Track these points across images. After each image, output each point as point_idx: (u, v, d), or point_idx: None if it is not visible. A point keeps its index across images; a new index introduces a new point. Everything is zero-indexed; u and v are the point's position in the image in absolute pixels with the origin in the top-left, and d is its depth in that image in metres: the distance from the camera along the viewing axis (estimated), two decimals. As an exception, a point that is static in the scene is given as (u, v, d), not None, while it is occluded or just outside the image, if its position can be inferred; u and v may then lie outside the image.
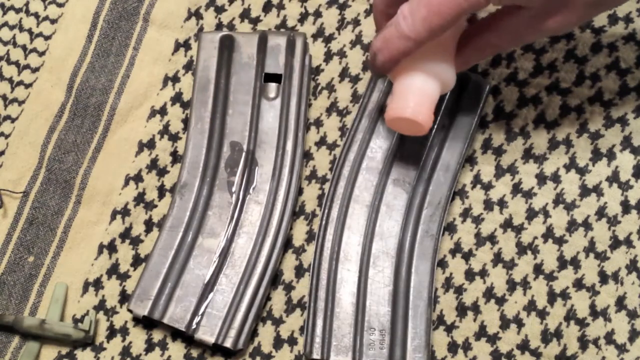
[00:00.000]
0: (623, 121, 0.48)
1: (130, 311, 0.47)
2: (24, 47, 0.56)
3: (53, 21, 0.56)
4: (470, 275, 0.47)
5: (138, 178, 0.52)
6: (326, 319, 0.46)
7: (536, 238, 0.47)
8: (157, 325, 0.48)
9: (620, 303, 0.46)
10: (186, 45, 0.54)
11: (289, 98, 0.50)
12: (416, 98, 0.42)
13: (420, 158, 0.48)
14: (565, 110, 0.49)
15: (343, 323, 0.46)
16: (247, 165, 0.50)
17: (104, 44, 0.55)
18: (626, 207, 0.47)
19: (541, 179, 0.48)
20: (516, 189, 0.48)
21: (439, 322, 0.47)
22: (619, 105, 0.49)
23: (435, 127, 0.48)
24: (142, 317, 0.47)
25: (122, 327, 0.49)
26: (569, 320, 0.46)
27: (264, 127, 0.50)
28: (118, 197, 0.51)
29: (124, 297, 0.49)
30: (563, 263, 0.47)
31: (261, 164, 0.50)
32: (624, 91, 0.49)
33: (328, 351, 0.45)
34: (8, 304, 0.50)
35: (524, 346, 0.46)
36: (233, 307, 0.46)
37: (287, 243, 0.49)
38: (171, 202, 0.49)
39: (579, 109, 0.49)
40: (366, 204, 0.48)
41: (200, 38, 0.51)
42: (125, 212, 0.51)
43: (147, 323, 0.48)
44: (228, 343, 0.46)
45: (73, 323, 0.48)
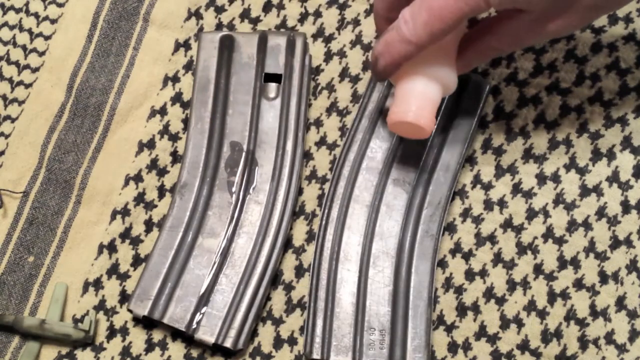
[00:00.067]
0: (623, 121, 0.48)
1: (130, 311, 0.47)
2: (24, 47, 0.56)
3: (53, 21, 0.56)
4: (470, 275, 0.47)
5: (138, 178, 0.52)
6: (326, 319, 0.46)
7: (536, 238, 0.47)
8: (157, 325, 0.48)
9: (620, 303, 0.46)
10: (186, 45, 0.54)
11: (289, 98, 0.50)
12: (418, 102, 0.42)
13: (420, 158, 0.48)
14: (565, 110, 0.49)
15: (343, 323, 0.46)
16: (247, 165, 0.50)
17: (104, 44, 0.55)
18: (626, 207, 0.47)
19: (541, 179, 0.48)
20: (516, 189, 0.48)
21: (439, 322, 0.47)
22: (619, 105, 0.49)
23: (435, 128, 0.48)
24: (142, 317, 0.47)
25: (122, 327, 0.49)
26: (569, 320, 0.46)
27: (264, 127, 0.50)
28: (118, 197, 0.51)
29: (124, 297, 0.49)
30: (563, 263, 0.47)
31: (261, 164, 0.50)
32: (624, 91, 0.49)
33: (328, 351, 0.45)
34: (8, 304, 0.50)
35: (524, 346, 0.46)
36: (233, 307, 0.46)
37: (287, 243, 0.49)
38: (171, 202, 0.49)
39: (579, 109, 0.49)
40: (366, 204, 0.48)
41: (200, 38, 0.51)
42: (125, 212, 0.51)
43: (147, 323, 0.48)
44: (228, 343, 0.46)
45: (73, 323, 0.48)
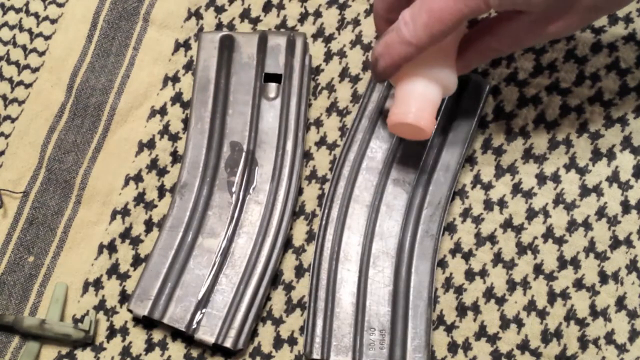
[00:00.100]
0: (623, 121, 0.48)
1: (130, 311, 0.47)
2: (24, 47, 0.56)
3: (53, 21, 0.56)
4: (470, 275, 0.47)
5: (138, 178, 0.52)
6: (326, 319, 0.46)
7: (536, 238, 0.47)
8: (157, 325, 0.48)
9: (620, 303, 0.46)
10: (186, 45, 0.54)
11: (289, 98, 0.50)
12: (418, 103, 0.42)
13: (420, 158, 0.48)
14: (565, 110, 0.49)
15: (343, 323, 0.46)
16: (247, 165, 0.50)
17: (104, 44, 0.55)
18: (626, 207, 0.47)
19: (541, 179, 0.48)
20: (516, 189, 0.48)
21: (439, 322, 0.47)
22: (619, 105, 0.49)
23: (435, 128, 0.48)
24: (142, 317, 0.47)
25: (122, 327, 0.49)
26: (569, 320, 0.46)
27: (264, 127, 0.50)
28: (118, 197, 0.51)
29: (124, 297, 0.49)
30: (563, 263, 0.47)
31: (261, 164, 0.50)
32: (624, 91, 0.49)
33: (328, 351, 0.45)
34: (8, 304, 0.50)
35: (524, 346, 0.46)
36: (233, 307, 0.46)
37: (287, 243, 0.49)
38: (171, 202, 0.49)
39: (579, 109, 0.49)
40: (366, 204, 0.48)
41: (200, 38, 0.51)
42: (125, 212, 0.51)
43: (147, 323, 0.48)
44: (228, 343, 0.46)
45: (73, 323, 0.48)
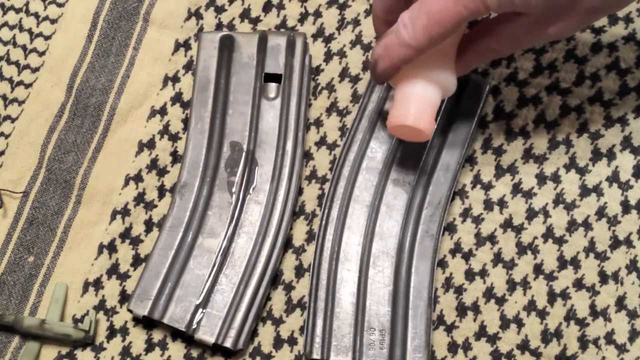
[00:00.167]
0: (623, 121, 0.48)
1: (130, 311, 0.47)
2: (24, 47, 0.56)
3: (53, 21, 0.56)
4: (470, 275, 0.47)
5: (138, 178, 0.52)
6: (326, 319, 0.46)
7: (536, 238, 0.47)
8: (157, 325, 0.48)
9: (620, 303, 0.46)
10: (186, 45, 0.54)
11: (289, 98, 0.50)
12: (418, 105, 0.42)
13: (420, 158, 0.48)
14: (565, 110, 0.49)
15: (343, 323, 0.46)
16: (247, 165, 0.50)
17: (104, 44, 0.55)
18: (626, 207, 0.47)
19: (541, 179, 0.48)
20: (516, 189, 0.48)
21: (439, 322, 0.47)
22: (619, 105, 0.49)
23: (435, 129, 0.48)
24: (142, 317, 0.47)
25: (122, 327, 0.49)
26: (569, 320, 0.46)
27: (264, 127, 0.50)
28: (118, 197, 0.51)
29: (124, 297, 0.49)
30: (563, 263, 0.47)
31: (261, 164, 0.50)
32: (624, 91, 0.49)
33: (328, 351, 0.45)
34: (8, 304, 0.50)
35: (524, 346, 0.46)
36: (233, 307, 0.46)
37: (287, 243, 0.49)
38: (171, 202, 0.49)
39: (579, 109, 0.49)
40: (366, 204, 0.48)
41: (200, 38, 0.51)
42: (125, 212, 0.51)
43: (147, 323, 0.48)
44: (228, 343, 0.46)
45: (73, 323, 0.48)
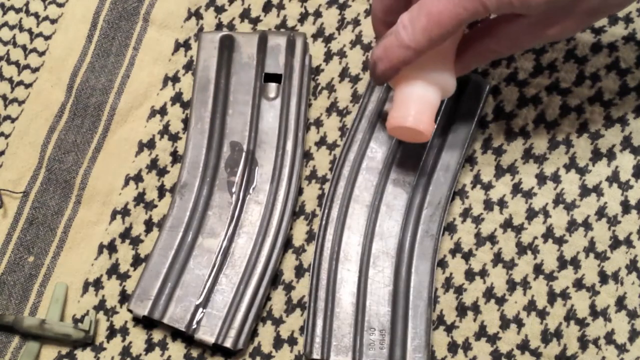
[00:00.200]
0: (623, 121, 0.48)
1: (130, 311, 0.47)
2: (24, 47, 0.56)
3: (53, 21, 0.56)
4: (470, 275, 0.47)
5: (138, 178, 0.52)
6: (326, 319, 0.46)
7: (536, 238, 0.47)
8: (157, 325, 0.48)
9: (620, 303, 0.46)
10: (186, 45, 0.54)
11: (289, 98, 0.50)
12: (417, 106, 0.42)
13: (420, 158, 0.48)
14: (565, 110, 0.49)
15: (343, 323, 0.46)
16: (247, 165, 0.50)
17: (104, 44, 0.55)
18: (626, 207, 0.47)
19: (541, 179, 0.48)
20: (516, 189, 0.48)
21: (439, 322, 0.47)
22: (619, 105, 0.49)
23: (435, 128, 0.48)
24: (142, 317, 0.47)
25: (122, 327, 0.49)
26: (569, 320, 0.46)
27: (264, 127, 0.50)
28: (118, 197, 0.51)
29: (124, 297, 0.49)
30: (563, 263, 0.47)
31: (261, 164, 0.50)
32: (624, 91, 0.49)
33: (328, 351, 0.45)
34: (8, 304, 0.50)
35: (524, 346, 0.46)
36: (233, 307, 0.46)
37: (287, 243, 0.49)
38: (171, 202, 0.49)
39: (579, 109, 0.49)
40: (366, 204, 0.48)
41: (200, 38, 0.51)
42: (125, 212, 0.51)
43: (147, 323, 0.48)
44: (228, 343, 0.46)
45: (73, 323, 0.48)
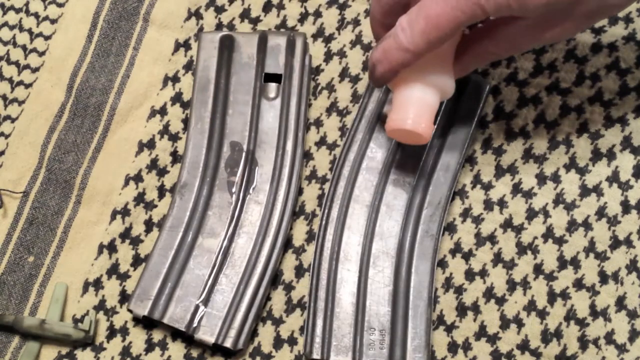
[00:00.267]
0: (623, 121, 0.48)
1: (130, 311, 0.47)
2: (24, 47, 0.56)
3: (53, 21, 0.56)
4: (470, 275, 0.47)
5: (138, 178, 0.52)
6: (326, 319, 0.46)
7: (536, 238, 0.47)
8: (157, 325, 0.48)
9: (620, 303, 0.46)
10: (186, 45, 0.54)
11: (289, 98, 0.50)
12: (416, 109, 0.42)
13: (420, 158, 0.48)
14: (565, 110, 0.49)
15: (343, 323, 0.46)
16: (247, 165, 0.50)
17: (104, 44, 0.55)
18: (626, 207, 0.47)
19: (541, 179, 0.48)
20: (516, 189, 0.48)
21: (439, 322, 0.47)
22: (619, 105, 0.49)
23: (435, 128, 0.48)
24: (142, 317, 0.47)
25: (122, 327, 0.49)
26: (569, 320, 0.46)
27: (264, 127, 0.50)
28: (118, 197, 0.51)
29: (124, 297, 0.49)
30: (563, 263, 0.47)
31: (261, 164, 0.50)
32: (624, 91, 0.49)
33: (328, 351, 0.45)
34: (8, 304, 0.50)
35: (524, 346, 0.46)
36: (233, 307, 0.46)
37: (287, 243, 0.49)
38: (171, 202, 0.49)
39: (579, 109, 0.49)
40: (366, 204, 0.48)
41: (200, 38, 0.51)
42: (125, 212, 0.51)
43: (147, 323, 0.48)
44: (228, 343, 0.46)
45: (73, 323, 0.48)
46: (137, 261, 0.50)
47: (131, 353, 0.48)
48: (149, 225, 0.51)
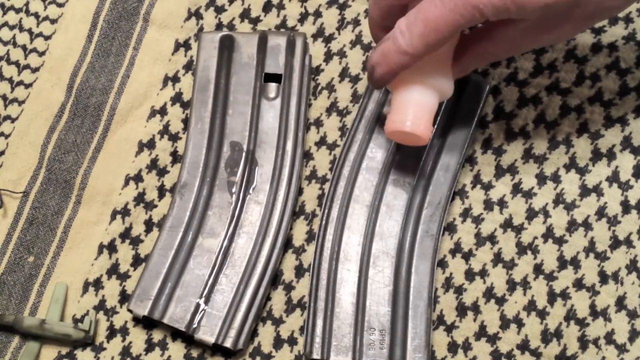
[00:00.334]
0: (623, 121, 0.48)
1: (130, 311, 0.47)
2: (24, 47, 0.56)
3: (53, 21, 0.56)
4: (470, 275, 0.47)
5: (138, 178, 0.52)
6: (326, 319, 0.46)
7: (536, 238, 0.47)
8: (157, 325, 0.48)
9: (620, 303, 0.46)
10: (186, 45, 0.54)
11: (289, 98, 0.50)
12: (415, 111, 0.42)
13: (420, 158, 0.48)
14: (565, 110, 0.49)
15: (343, 323, 0.46)
16: (247, 165, 0.50)
17: (104, 44, 0.55)
18: (626, 207, 0.47)
19: (541, 179, 0.48)
20: (516, 189, 0.48)
21: (439, 322, 0.47)
22: (619, 105, 0.49)
23: (435, 128, 0.48)
24: (142, 317, 0.47)
25: (122, 327, 0.49)
26: (569, 320, 0.46)
27: (264, 127, 0.50)
28: (118, 197, 0.51)
29: (124, 297, 0.49)
30: (563, 263, 0.47)
31: (261, 164, 0.50)
32: (624, 91, 0.49)
33: (328, 351, 0.45)
34: (8, 304, 0.50)
35: (524, 346, 0.46)
36: (233, 307, 0.46)
37: (287, 243, 0.49)
38: (171, 202, 0.49)
39: (579, 109, 0.49)
40: (366, 204, 0.48)
41: (200, 38, 0.51)
42: (125, 212, 0.51)
43: (147, 323, 0.48)
44: (228, 343, 0.46)
45: (73, 323, 0.48)
46: (137, 261, 0.50)
47: (131, 353, 0.48)
48: (149, 225, 0.51)
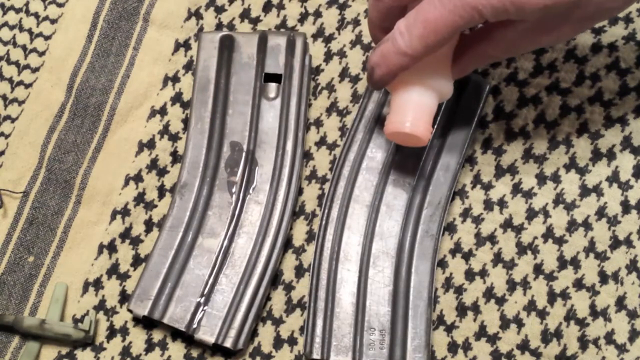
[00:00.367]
0: (623, 121, 0.48)
1: (130, 311, 0.47)
2: (24, 47, 0.56)
3: (53, 21, 0.56)
4: (470, 275, 0.47)
5: (138, 178, 0.52)
6: (326, 319, 0.46)
7: (536, 238, 0.47)
8: (157, 325, 0.48)
9: (620, 303, 0.46)
10: (186, 45, 0.54)
11: (289, 98, 0.50)
12: (414, 112, 0.42)
13: (420, 158, 0.48)
14: (565, 110, 0.49)
15: (343, 323, 0.46)
16: (247, 165, 0.50)
17: (104, 44, 0.55)
18: (626, 207, 0.47)
19: (541, 179, 0.48)
20: (516, 189, 0.48)
21: (439, 322, 0.47)
22: (619, 105, 0.49)
23: (435, 128, 0.48)
24: (142, 317, 0.47)
25: (122, 327, 0.49)
26: (569, 320, 0.46)
27: (264, 127, 0.50)
28: (118, 197, 0.51)
29: (124, 297, 0.49)
30: (563, 263, 0.47)
31: (261, 164, 0.50)
32: (624, 91, 0.49)
33: (328, 351, 0.45)
34: (8, 304, 0.50)
35: (524, 346, 0.46)
36: (233, 307, 0.46)
37: (287, 243, 0.49)
38: (171, 202, 0.49)
39: (579, 109, 0.49)
40: (366, 204, 0.48)
41: (200, 38, 0.51)
42: (125, 212, 0.51)
43: (147, 323, 0.48)
44: (228, 343, 0.46)
45: (73, 323, 0.48)
46: (137, 261, 0.50)
47: (131, 353, 0.48)
48: (149, 225, 0.51)
